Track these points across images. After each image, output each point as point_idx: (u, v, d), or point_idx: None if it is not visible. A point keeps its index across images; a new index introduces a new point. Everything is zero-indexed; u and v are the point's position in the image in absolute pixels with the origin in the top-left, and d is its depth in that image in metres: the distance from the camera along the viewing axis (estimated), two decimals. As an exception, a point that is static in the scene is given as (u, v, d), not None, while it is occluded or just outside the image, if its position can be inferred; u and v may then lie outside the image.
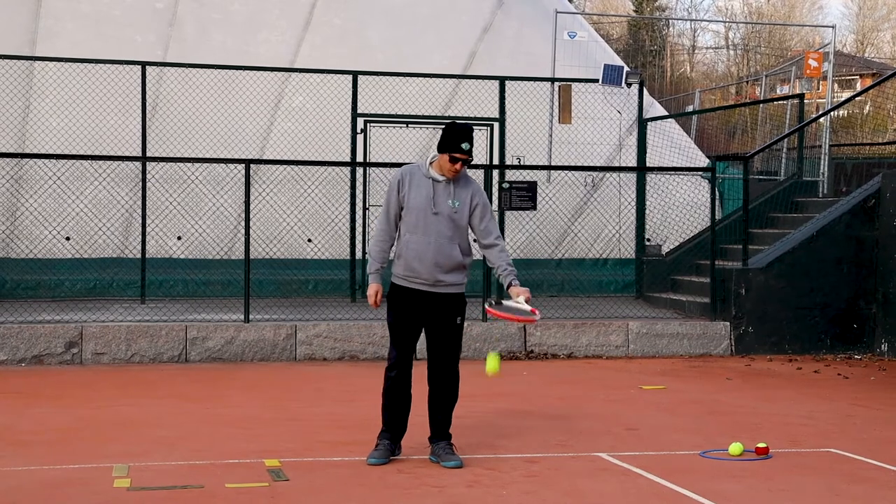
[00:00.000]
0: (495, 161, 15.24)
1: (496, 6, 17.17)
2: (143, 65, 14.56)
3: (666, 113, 18.79)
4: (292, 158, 14.88)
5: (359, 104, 15.09)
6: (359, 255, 14.79)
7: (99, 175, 14.28)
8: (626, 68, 16.43)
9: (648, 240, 16.02)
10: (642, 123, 16.39)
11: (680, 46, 50.23)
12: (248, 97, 15.51)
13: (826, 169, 15.90)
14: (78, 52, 15.02)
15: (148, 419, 8.56)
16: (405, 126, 15.23)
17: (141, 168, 14.52)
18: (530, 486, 6.62)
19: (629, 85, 16.16)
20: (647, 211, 16.00)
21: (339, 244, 15.06)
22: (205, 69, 14.87)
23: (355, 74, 15.12)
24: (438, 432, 7.18)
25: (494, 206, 12.93)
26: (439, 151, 7.05)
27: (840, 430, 8.60)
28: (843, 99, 21.80)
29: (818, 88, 23.45)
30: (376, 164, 13.78)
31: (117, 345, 11.58)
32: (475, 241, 7.28)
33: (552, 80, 16.15)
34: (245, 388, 10.16)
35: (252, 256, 12.64)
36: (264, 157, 15.40)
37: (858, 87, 42.14)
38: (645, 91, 16.70)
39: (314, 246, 15.19)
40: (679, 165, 16.17)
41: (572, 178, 15.89)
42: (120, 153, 14.55)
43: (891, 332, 12.99)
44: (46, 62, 14.81)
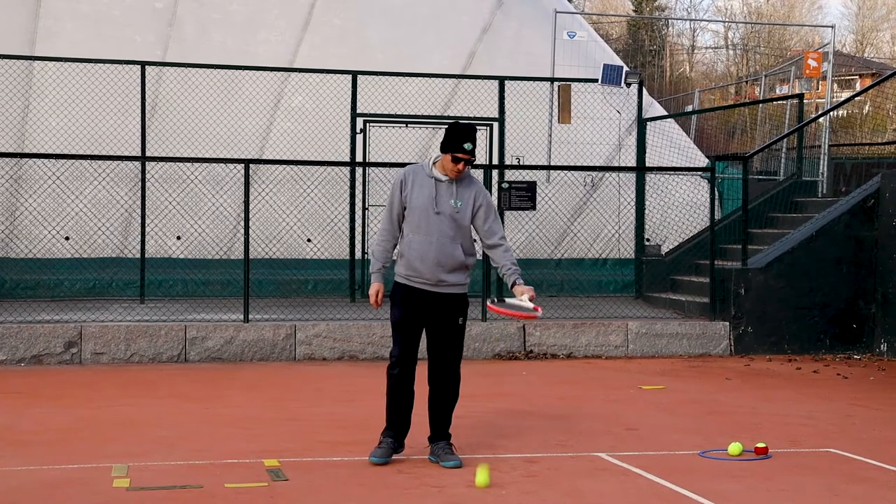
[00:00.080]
0: (494, 161, 15.24)
1: (496, 6, 17.17)
2: (143, 65, 14.56)
3: (665, 113, 18.80)
4: (292, 158, 14.88)
5: (358, 104, 15.09)
6: (358, 255, 14.79)
7: (98, 175, 14.28)
8: (625, 68, 16.43)
9: (648, 240, 16.03)
10: (642, 123, 16.39)
11: (679, 46, 50.22)
12: (247, 97, 15.52)
13: (825, 169, 15.91)
14: (77, 51, 15.02)
15: (147, 419, 8.56)
16: (405, 126, 15.23)
17: (140, 168, 14.52)
18: (530, 485, 6.62)
19: (628, 85, 16.16)
20: (647, 211, 16.00)
21: (339, 244, 15.07)
22: (204, 69, 14.87)
23: (355, 74, 15.12)
24: (438, 432, 7.18)
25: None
26: (442, 151, 7.04)
27: (839, 430, 8.60)
28: (842, 99, 21.81)
29: (817, 88, 23.45)
30: (376, 164, 13.78)
31: (117, 345, 11.58)
32: (475, 241, 7.28)
33: (552, 79, 16.15)
34: (244, 388, 10.16)
35: (251, 256, 12.64)
36: (264, 157, 15.40)
37: (858, 87, 42.14)
38: (644, 91, 16.70)
39: (314, 246, 15.19)
40: (678, 165, 16.18)
41: (572, 178, 15.90)
42: (119, 153, 14.54)
43: (890, 332, 12.99)
44: (46, 62, 14.81)
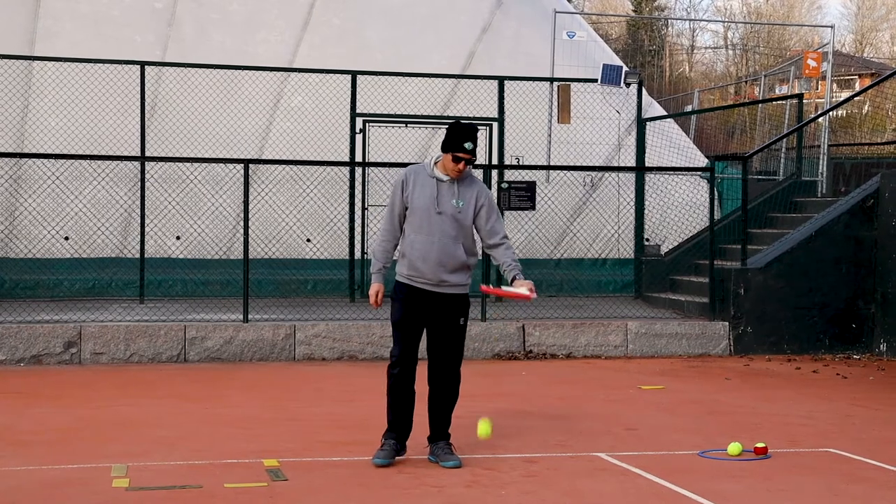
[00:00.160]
0: (494, 161, 15.24)
1: (495, 6, 17.17)
2: (142, 65, 14.55)
3: (665, 113, 18.80)
4: (291, 158, 14.88)
5: (358, 104, 15.09)
6: (358, 255, 14.79)
7: (98, 175, 14.28)
8: (624, 68, 16.44)
9: (647, 240, 16.03)
10: (641, 123, 16.39)
11: (679, 46, 50.21)
12: (246, 97, 15.51)
13: (825, 169, 15.91)
14: (77, 52, 15.01)
15: (147, 419, 8.56)
16: (404, 126, 15.22)
17: (140, 168, 14.51)
18: (529, 485, 6.62)
19: (628, 85, 16.17)
20: (646, 211, 16.00)
21: (338, 244, 15.06)
22: (204, 69, 14.87)
23: (354, 74, 15.12)
24: (438, 432, 7.18)
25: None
26: (443, 151, 7.04)
27: (839, 429, 8.60)
28: (841, 99, 21.82)
29: (817, 88, 23.46)
30: (375, 163, 13.79)
31: (116, 345, 11.57)
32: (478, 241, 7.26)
33: (551, 79, 16.15)
34: (244, 388, 10.16)
35: (251, 256, 12.64)
36: (263, 157, 15.40)
37: (857, 86, 42.14)
38: (644, 91, 16.71)
39: (313, 246, 15.19)
40: (678, 165, 16.18)
41: (571, 177, 15.90)
42: (119, 153, 14.54)
43: (889, 332, 12.99)
44: (45, 62, 14.81)
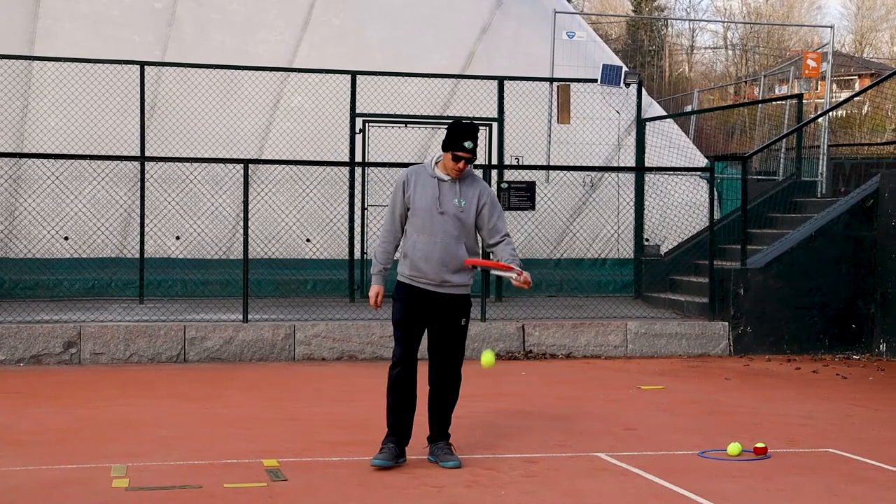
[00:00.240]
0: (494, 161, 15.23)
1: (495, 6, 17.17)
2: (142, 65, 14.55)
3: (664, 113, 18.80)
4: (291, 158, 14.88)
5: (357, 104, 15.09)
6: (357, 255, 14.79)
7: (97, 175, 14.28)
8: (624, 68, 16.44)
9: (647, 240, 16.03)
10: (641, 123, 16.39)
11: (678, 46, 50.23)
12: (246, 97, 15.51)
13: (824, 169, 15.92)
14: (76, 52, 15.01)
15: (146, 419, 8.56)
16: (404, 126, 15.22)
17: (139, 168, 14.51)
18: (529, 486, 6.62)
19: (628, 85, 16.17)
20: (646, 211, 16.00)
21: (338, 244, 15.06)
22: (203, 69, 14.87)
23: (354, 74, 15.12)
24: (437, 432, 7.17)
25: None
26: (443, 150, 7.03)
27: (839, 430, 8.60)
28: (841, 99, 21.82)
29: (817, 88, 23.48)
30: (375, 163, 13.78)
31: (116, 345, 11.57)
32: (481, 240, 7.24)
33: (551, 80, 16.15)
34: (244, 388, 10.16)
35: (251, 256, 12.64)
36: (263, 157, 15.40)
37: (857, 87, 42.14)
38: (643, 91, 16.71)
39: (313, 246, 15.19)
40: (678, 165, 16.18)
41: (571, 178, 15.90)
42: (118, 153, 14.54)
43: (889, 332, 12.99)
44: (45, 62, 14.81)
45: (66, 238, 14.66)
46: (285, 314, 12.77)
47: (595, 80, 15.96)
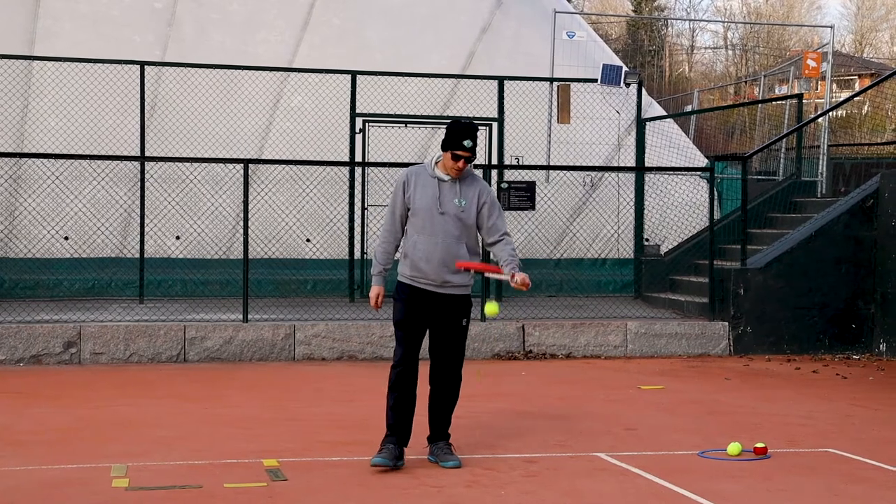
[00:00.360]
0: (494, 161, 15.24)
1: (495, 6, 17.17)
2: (142, 64, 14.55)
3: (664, 113, 18.80)
4: (291, 158, 14.88)
5: (357, 104, 15.09)
6: (357, 255, 14.79)
7: (97, 175, 14.28)
8: (624, 68, 16.43)
9: (647, 240, 16.03)
10: (641, 123, 16.39)
11: (678, 46, 50.21)
12: (246, 97, 15.51)
13: (824, 169, 15.91)
14: (76, 52, 15.01)
15: (146, 419, 8.56)
16: (404, 126, 15.22)
17: (139, 168, 14.51)
18: (529, 486, 6.62)
19: (628, 85, 16.17)
20: (646, 211, 16.00)
21: (338, 244, 15.06)
22: (203, 69, 14.87)
23: (354, 74, 15.12)
24: (437, 432, 7.17)
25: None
26: (442, 149, 7.02)
27: (839, 430, 8.60)
28: (841, 99, 21.82)
29: (817, 88, 23.47)
30: (375, 163, 13.78)
31: (116, 345, 11.57)
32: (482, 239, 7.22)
33: (551, 79, 16.15)
34: (244, 388, 10.16)
35: (251, 256, 12.64)
36: (263, 157, 15.40)
37: (857, 87, 42.14)
38: (643, 91, 16.71)
39: (313, 246, 15.19)
40: (678, 165, 16.18)
41: (571, 178, 15.90)
42: (118, 153, 14.54)
43: (889, 332, 12.99)
44: (45, 62, 14.81)
45: (66, 238, 14.66)
46: (285, 314, 12.77)
47: (595, 80, 15.96)
